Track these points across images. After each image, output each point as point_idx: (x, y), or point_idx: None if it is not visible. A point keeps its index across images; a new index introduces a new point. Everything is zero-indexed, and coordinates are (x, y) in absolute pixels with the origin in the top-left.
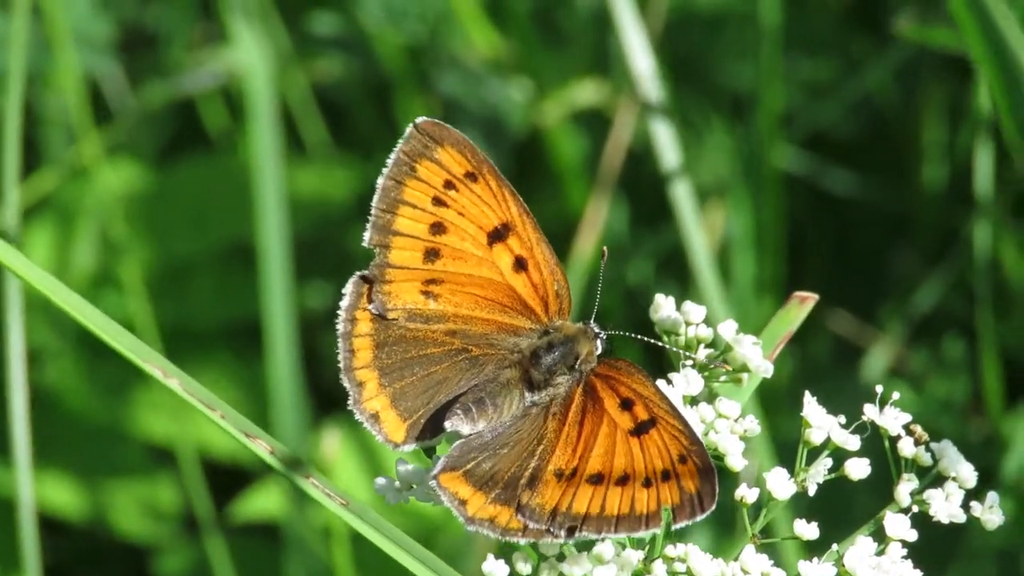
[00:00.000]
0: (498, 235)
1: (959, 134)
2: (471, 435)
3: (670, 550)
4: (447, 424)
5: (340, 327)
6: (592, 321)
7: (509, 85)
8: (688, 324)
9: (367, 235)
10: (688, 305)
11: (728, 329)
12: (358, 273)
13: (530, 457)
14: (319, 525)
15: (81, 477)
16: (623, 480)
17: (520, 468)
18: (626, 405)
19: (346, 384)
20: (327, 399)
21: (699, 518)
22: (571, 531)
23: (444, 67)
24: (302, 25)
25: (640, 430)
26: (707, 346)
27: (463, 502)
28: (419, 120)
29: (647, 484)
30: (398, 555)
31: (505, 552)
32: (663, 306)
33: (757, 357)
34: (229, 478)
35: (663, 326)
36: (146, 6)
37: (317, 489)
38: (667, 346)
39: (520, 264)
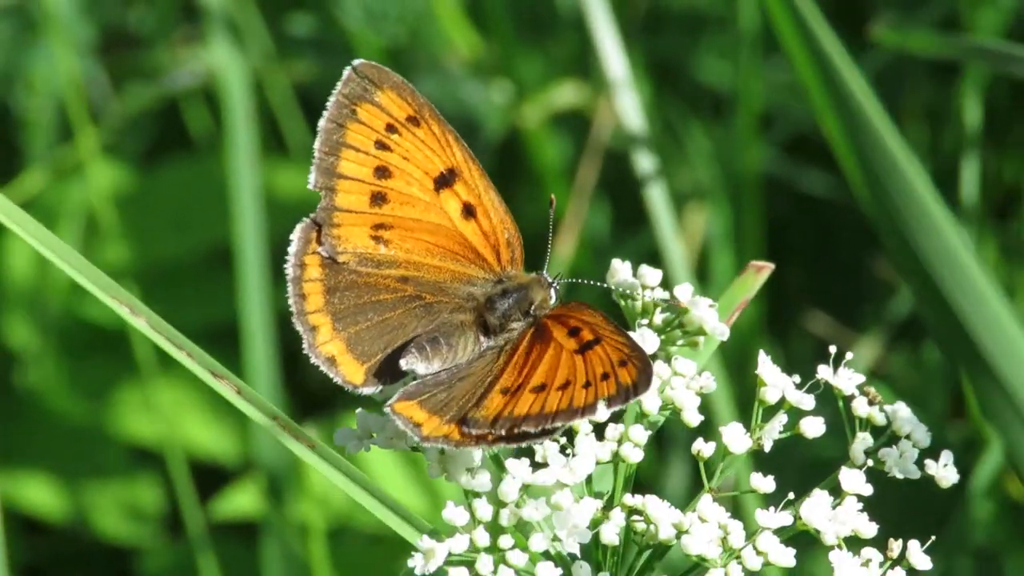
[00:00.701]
0: (444, 181)
1: (941, 138)
2: (427, 375)
3: (628, 499)
4: (403, 362)
5: (289, 272)
6: (545, 271)
7: (489, 87)
8: (645, 288)
9: (311, 178)
10: (644, 269)
11: (684, 292)
12: (306, 218)
13: (481, 385)
14: (297, 522)
15: (62, 478)
16: (564, 386)
17: (472, 395)
18: (573, 332)
19: (299, 328)
20: (308, 401)
21: (631, 400)
22: (511, 431)
23: (423, 69)
24: (282, 26)
25: (585, 348)
26: (664, 310)
27: (418, 425)
28: (356, 62)
29: (587, 385)
30: (365, 500)
31: (465, 501)
32: (619, 270)
33: (713, 319)
34: (209, 478)
35: (620, 291)
36: (128, 8)
37: (284, 431)
38: (623, 311)
39: (469, 211)
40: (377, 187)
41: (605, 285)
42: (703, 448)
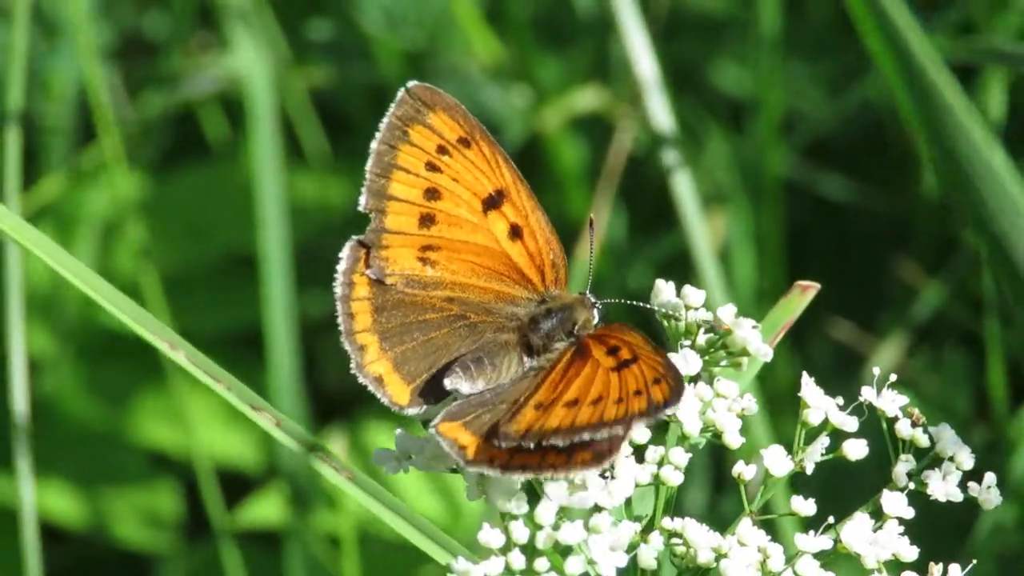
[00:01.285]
0: (493, 202)
1: None
2: (471, 394)
3: (667, 523)
4: (447, 382)
5: (338, 290)
6: (587, 291)
7: (509, 91)
8: (688, 308)
9: (362, 199)
10: (688, 289)
11: (727, 313)
12: (354, 237)
13: (519, 402)
14: (322, 532)
15: (80, 485)
16: (596, 400)
17: (510, 411)
18: (612, 351)
19: (347, 348)
20: (328, 407)
21: (659, 414)
22: (539, 443)
23: (443, 73)
24: (300, 31)
25: (622, 366)
26: (707, 330)
27: (463, 447)
28: (411, 84)
29: (619, 401)
30: (401, 527)
31: (501, 522)
32: (663, 291)
33: (756, 340)
34: (230, 485)
35: (663, 311)
36: (144, 14)
37: (323, 463)
38: (666, 330)
39: (515, 232)
40: (426, 208)
41: (630, 302)
42: (744, 471)
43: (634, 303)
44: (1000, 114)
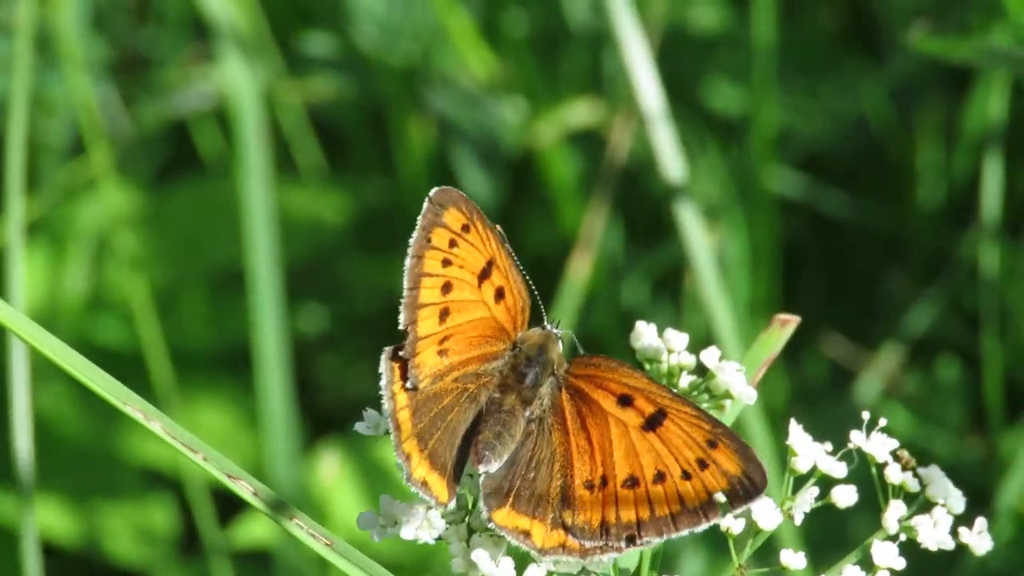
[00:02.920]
0: (485, 273)
1: (954, 155)
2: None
3: None
4: (481, 467)
5: (385, 405)
6: (547, 322)
7: (503, 105)
8: (670, 352)
9: (401, 318)
10: (669, 332)
11: (711, 357)
12: (387, 348)
13: (555, 476)
14: (313, 552)
15: (74, 501)
16: (659, 478)
17: (553, 489)
18: (625, 401)
19: (399, 461)
20: (321, 424)
21: (757, 499)
22: (631, 539)
23: (438, 87)
24: (295, 46)
25: (652, 424)
26: (690, 373)
27: (527, 534)
28: (432, 192)
29: (686, 476)
30: None
31: None
32: (644, 334)
33: (740, 384)
34: (223, 501)
35: (645, 354)
36: (139, 28)
37: (302, 530)
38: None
39: (500, 294)
40: (443, 304)
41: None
42: (732, 525)
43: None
44: (1001, 115)
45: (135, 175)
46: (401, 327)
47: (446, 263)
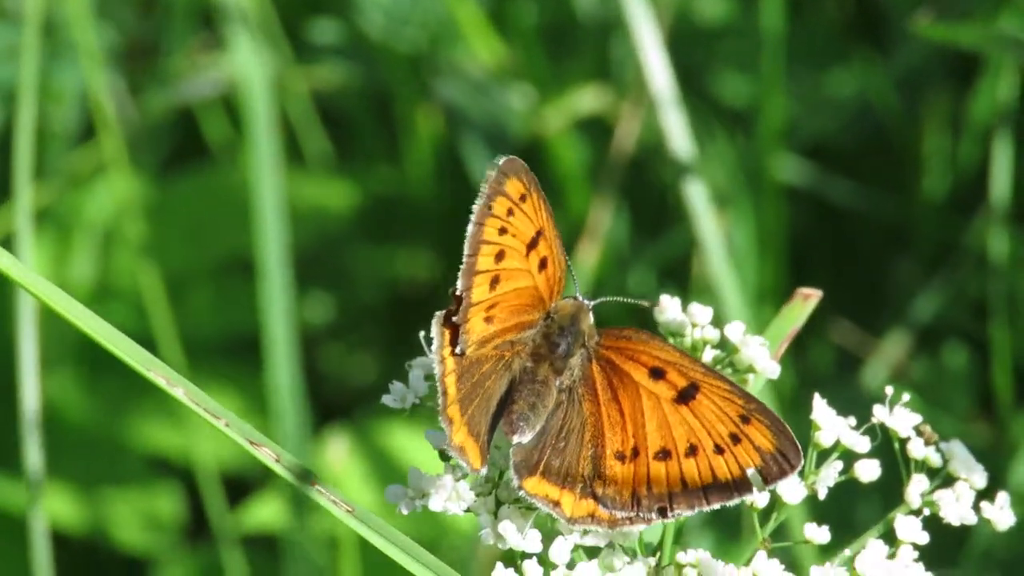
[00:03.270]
0: (533, 243)
1: (960, 144)
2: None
3: (681, 556)
4: (515, 438)
5: (436, 369)
6: (576, 292)
7: (511, 93)
8: (694, 326)
9: (459, 283)
10: (694, 307)
11: (735, 331)
12: (438, 313)
13: (585, 446)
14: (321, 535)
15: (82, 489)
16: (692, 451)
17: (584, 459)
18: (657, 374)
19: (443, 425)
20: (326, 413)
21: (791, 476)
22: (662, 511)
23: (445, 75)
24: (303, 34)
25: (684, 397)
26: (713, 347)
27: (556, 503)
28: (499, 159)
29: (719, 451)
30: (404, 561)
31: (511, 560)
32: (668, 308)
33: (764, 358)
34: (229, 488)
35: (669, 328)
36: (146, 16)
37: (323, 496)
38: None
39: (543, 264)
40: (495, 271)
41: (625, 300)
42: (756, 499)
43: (626, 300)
44: (1010, 100)
45: (143, 163)
46: (457, 293)
47: (502, 231)
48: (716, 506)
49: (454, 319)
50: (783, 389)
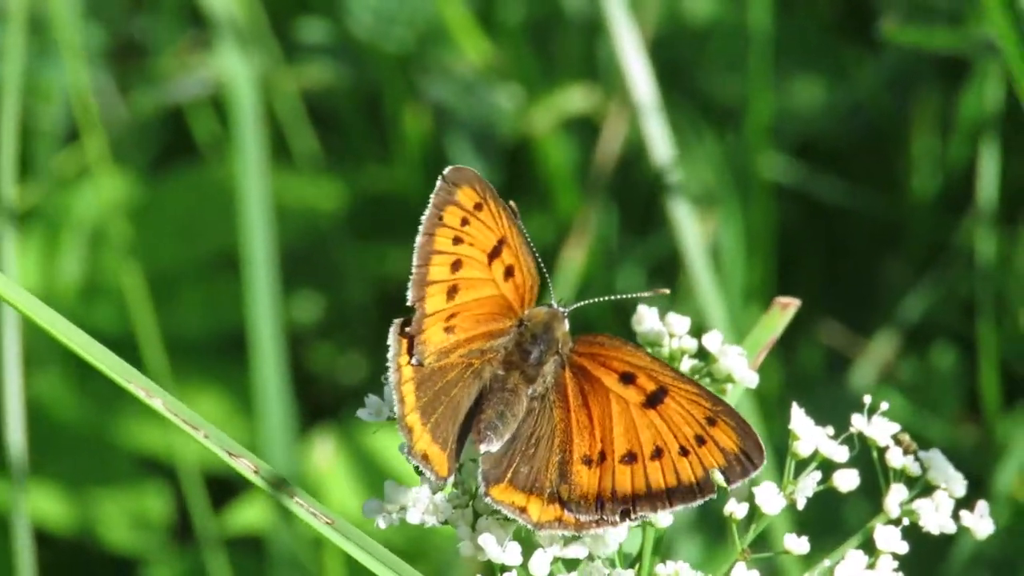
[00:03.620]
0: (496, 252)
1: (950, 143)
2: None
3: (661, 568)
4: (482, 447)
5: (391, 377)
6: (552, 300)
7: (498, 92)
8: (672, 336)
9: (409, 294)
10: (671, 317)
11: (713, 341)
12: (396, 321)
13: (554, 452)
14: (308, 537)
15: (69, 488)
16: (657, 453)
17: (551, 465)
18: (627, 379)
19: (401, 433)
20: (314, 413)
21: (753, 474)
22: (625, 514)
23: (433, 75)
24: (291, 33)
25: (653, 401)
26: (691, 357)
27: (523, 509)
28: (446, 170)
29: (684, 453)
30: (384, 573)
31: (489, 571)
32: (646, 317)
33: (742, 368)
34: (218, 488)
35: (646, 338)
36: (134, 15)
37: (302, 508)
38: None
39: (509, 272)
40: (452, 281)
41: (602, 299)
42: (736, 509)
43: (604, 299)
44: (997, 103)
45: (131, 161)
46: (409, 303)
47: (457, 241)
48: (679, 508)
49: (407, 330)
50: (770, 391)
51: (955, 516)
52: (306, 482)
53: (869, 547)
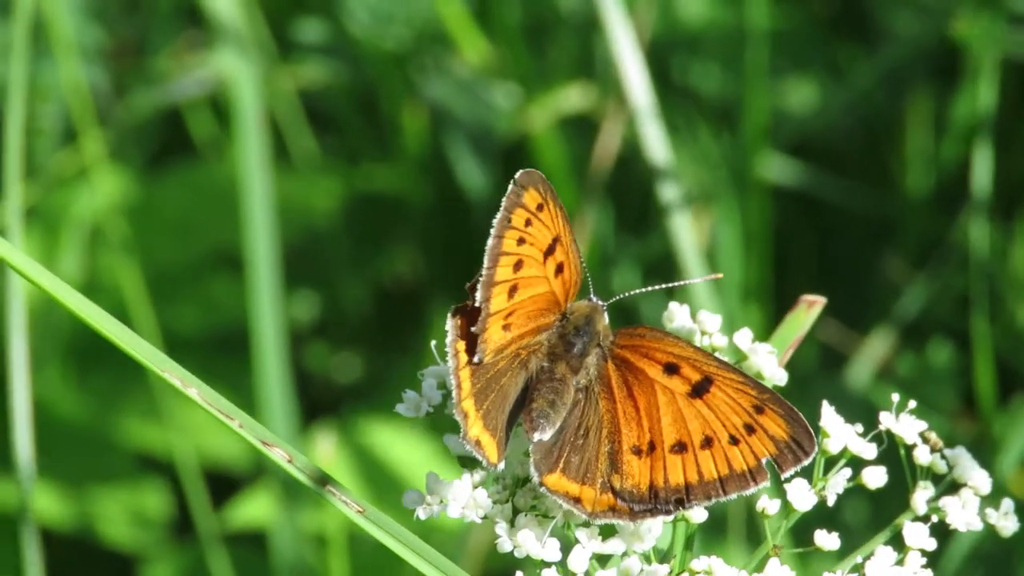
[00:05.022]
0: (550, 250)
1: (944, 140)
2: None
3: (695, 563)
4: (536, 435)
5: (449, 362)
6: (591, 294)
7: (496, 91)
8: (703, 333)
9: (478, 295)
10: (703, 314)
11: (743, 338)
12: (454, 306)
13: (603, 442)
14: (310, 532)
15: (69, 485)
16: (707, 443)
17: (601, 455)
18: (671, 369)
19: (457, 417)
20: (313, 410)
21: (806, 462)
22: (679, 503)
23: (430, 73)
24: (289, 32)
25: (699, 391)
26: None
27: (577, 499)
28: (517, 174)
29: (734, 442)
30: (417, 562)
31: (512, 567)
32: (677, 315)
33: (772, 366)
34: (217, 485)
35: (678, 336)
36: (132, 14)
37: (336, 497)
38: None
39: (559, 268)
40: (514, 280)
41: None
42: (768, 505)
43: (648, 289)
44: (989, 103)
45: (130, 160)
46: (476, 304)
47: (520, 242)
48: (733, 496)
49: (472, 329)
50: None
51: (981, 514)
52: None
53: (897, 544)
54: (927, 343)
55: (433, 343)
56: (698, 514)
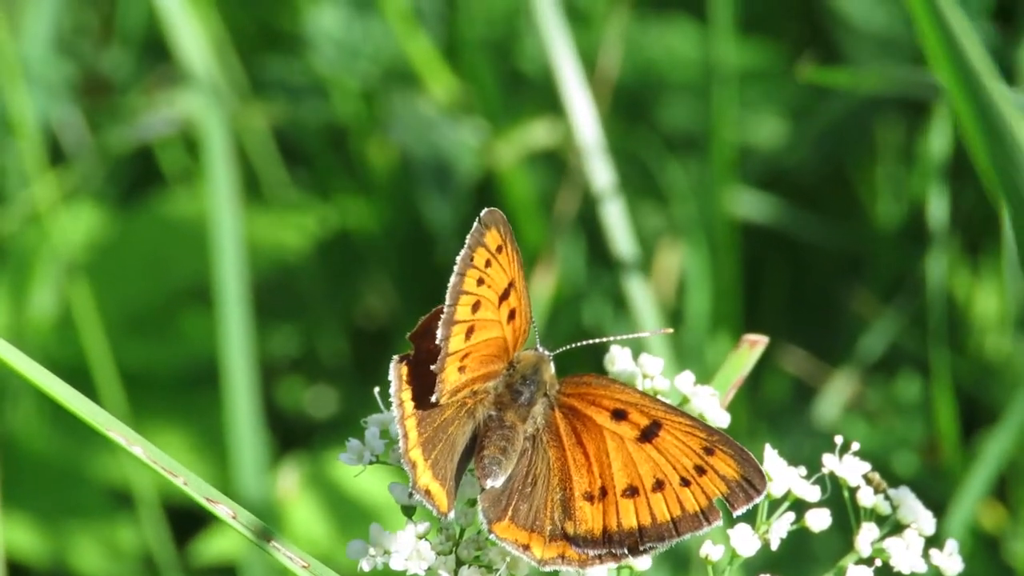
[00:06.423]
0: (505, 294)
1: (913, 174)
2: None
3: None
4: (488, 482)
5: (395, 412)
6: (537, 344)
7: (463, 127)
8: (645, 376)
9: (439, 332)
10: (644, 358)
11: (685, 381)
12: (395, 357)
13: (552, 490)
14: (280, 566)
15: (42, 519)
16: (658, 486)
17: (552, 503)
18: (619, 415)
19: (405, 469)
20: (286, 444)
21: (757, 499)
22: (633, 547)
23: (397, 109)
24: (259, 68)
25: (647, 435)
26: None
27: (526, 547)
28: (482, 212)
29: (685, 483)
30: None
31: None
32: (619, 358)
33: (714, 409)
34: (191, 517)
35: (619, 379)
36: (103, 50)
37: (279, 552)
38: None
39: (512, 315)
40: (471, 322)
41: (587, 342)
42: (711, 552)
43: (581, 344)
44: (944, 144)
45: (102, 195)
46: (438, 342)
47: (480, 282)
48: (687, 536)
49: (432, 367)
50: (737, 420)
51: (925, 554)
52: (276, 514)
53: None
54: (896, 376)
55: (376, 389)
56: (643, 563)
